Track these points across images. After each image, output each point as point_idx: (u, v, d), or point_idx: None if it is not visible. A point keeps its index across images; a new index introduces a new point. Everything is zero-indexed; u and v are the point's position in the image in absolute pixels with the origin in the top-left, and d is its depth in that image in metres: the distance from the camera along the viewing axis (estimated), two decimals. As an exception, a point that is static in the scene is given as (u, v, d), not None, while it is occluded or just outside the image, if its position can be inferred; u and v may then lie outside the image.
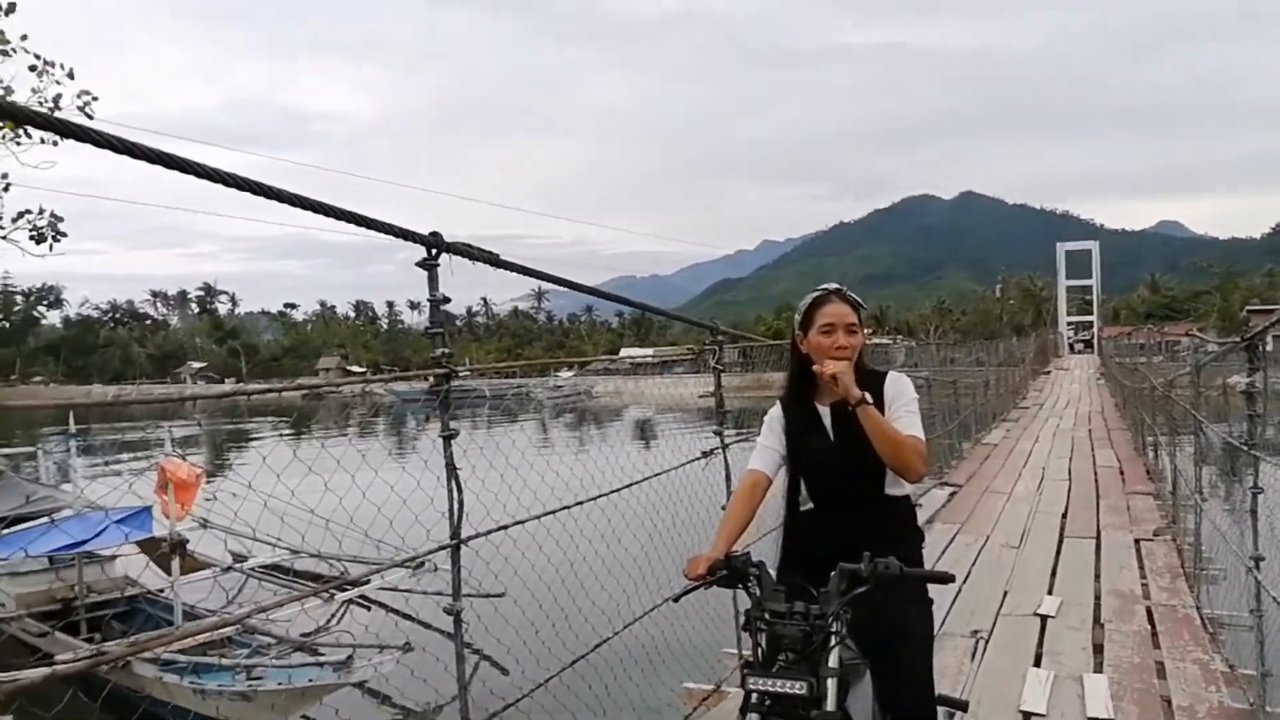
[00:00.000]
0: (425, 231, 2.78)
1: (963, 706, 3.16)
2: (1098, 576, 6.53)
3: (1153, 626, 5.32)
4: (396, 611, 8.10)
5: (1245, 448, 4.32)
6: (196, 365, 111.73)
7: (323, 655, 6.76)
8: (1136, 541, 7.57)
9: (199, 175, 2.06)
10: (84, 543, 8.00)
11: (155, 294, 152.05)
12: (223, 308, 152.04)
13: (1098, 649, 4.99)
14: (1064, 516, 8.83)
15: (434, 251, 2.80)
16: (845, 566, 2.16)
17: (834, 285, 2.64)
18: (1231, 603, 5.47)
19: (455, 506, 2.98)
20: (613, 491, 4.12)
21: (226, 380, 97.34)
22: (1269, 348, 4.38)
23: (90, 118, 9.77)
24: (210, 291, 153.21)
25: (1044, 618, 5.49)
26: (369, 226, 2.62)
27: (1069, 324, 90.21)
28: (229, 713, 6.25)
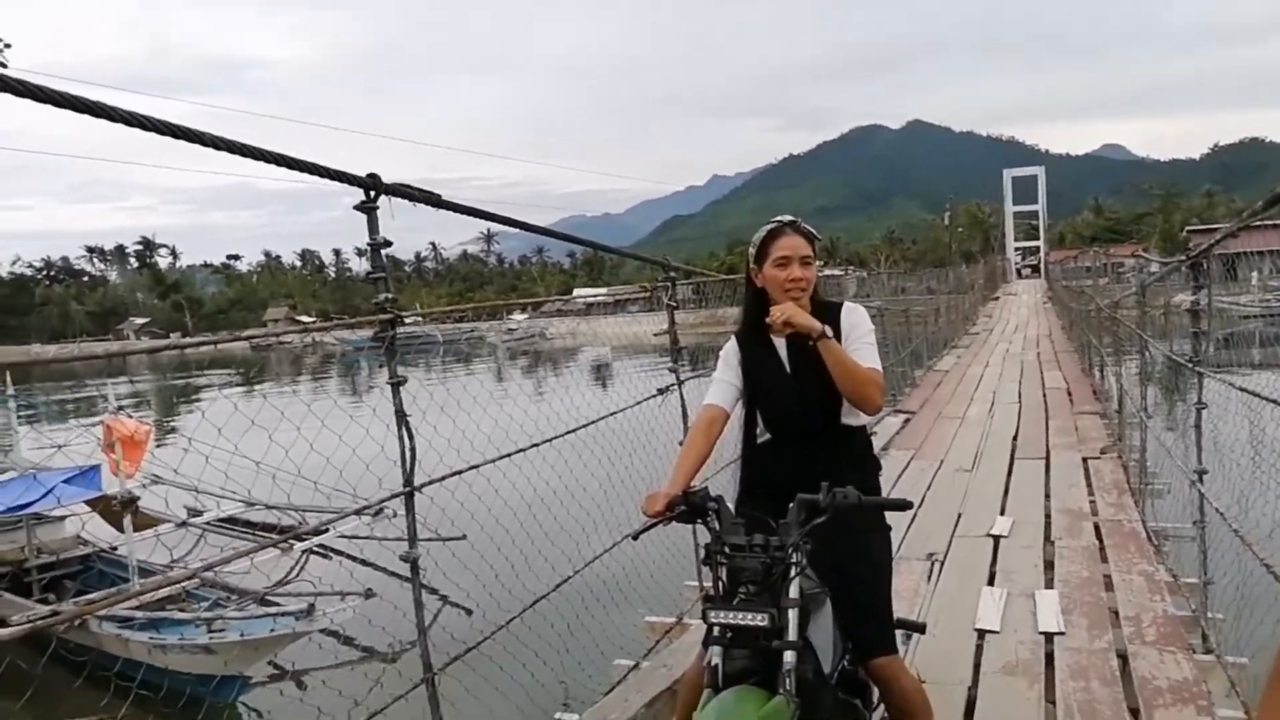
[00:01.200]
0: (363, 174, 2.68)
1: (920, 629, 3.23)
2: (1048, 495, 6.68)
3: (1100, 541, 5.47)
4: (356, 559, 8.07)
5: (1190, 365, 4.39)
6: (139, 321, 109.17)
7: (283, 605, 6.72)
8: (1084, 460, 7.75)
9: (126, 123, 1.94)
10: (32, 504, 7.83)
11: (91, 249, 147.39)
12: (163, 261, 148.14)
13: (1048, 565, 5.12)
14: (1014, 438, 9.01)
15: (372, 194, 2.71)
16: (804, 497, 2.15)
17: (788, 218, 2.59)
18: (1175, 515, 5.65)
19: (407, 453, 2.93)
20: (569, 432, 4.08)
21: (171, 335, 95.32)
22: (1211, 266, 4.44)
23: (4, 65, 9.26)
24: (149, 245, 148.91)
25: (997, 538, 5.61)
26: (303, 170, 2.51)
27: (1016, 249, 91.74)
28: (190, 666, 6.20)
